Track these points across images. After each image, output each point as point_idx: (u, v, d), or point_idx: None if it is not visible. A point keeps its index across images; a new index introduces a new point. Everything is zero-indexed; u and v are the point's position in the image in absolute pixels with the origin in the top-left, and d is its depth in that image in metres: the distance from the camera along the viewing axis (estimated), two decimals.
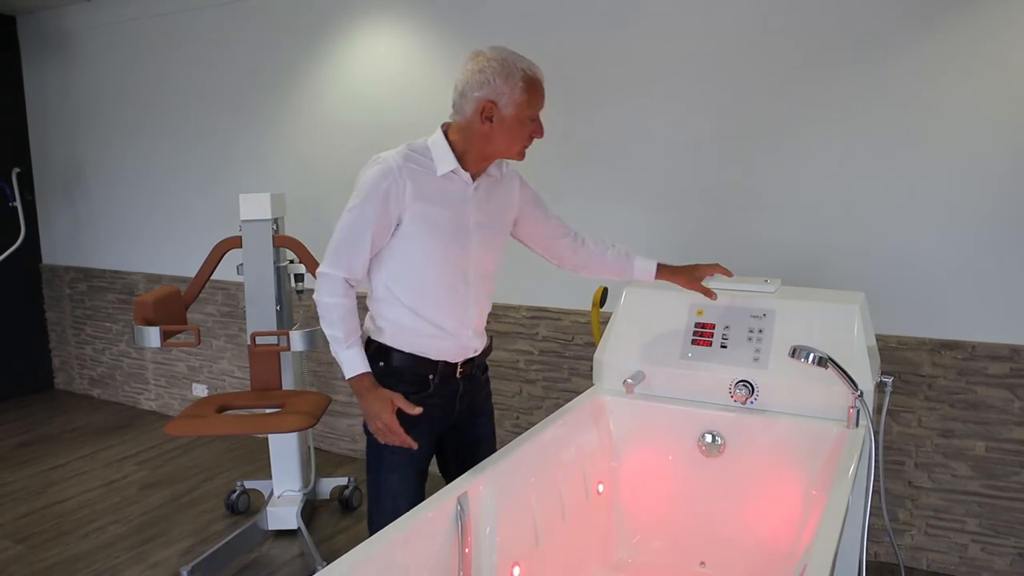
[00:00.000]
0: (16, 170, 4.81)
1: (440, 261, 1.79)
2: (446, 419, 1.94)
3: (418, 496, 1.87)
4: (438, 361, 1.86)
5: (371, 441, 1.87)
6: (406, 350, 1.83)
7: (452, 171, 1.77)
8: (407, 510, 1.58)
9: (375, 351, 1.85)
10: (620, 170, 3.03)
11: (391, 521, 1.53)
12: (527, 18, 3.15)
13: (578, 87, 3.07)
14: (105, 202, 4.75)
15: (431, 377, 1.86)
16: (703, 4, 2.81)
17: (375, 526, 1.79)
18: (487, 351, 2.01)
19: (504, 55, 1.70)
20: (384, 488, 1.88)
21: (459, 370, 1.90)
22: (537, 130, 1.78)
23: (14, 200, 4.79)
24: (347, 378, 1.78)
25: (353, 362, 1.77)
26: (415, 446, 1.79)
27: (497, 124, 1.72)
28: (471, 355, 1.92)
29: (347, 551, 1.37)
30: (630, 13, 2.94)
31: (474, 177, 1.82)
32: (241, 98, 4.02)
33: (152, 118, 4.40)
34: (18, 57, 4.95)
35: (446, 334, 1.84)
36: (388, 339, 1.84)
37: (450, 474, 2.00)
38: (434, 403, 1.87)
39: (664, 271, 2.09)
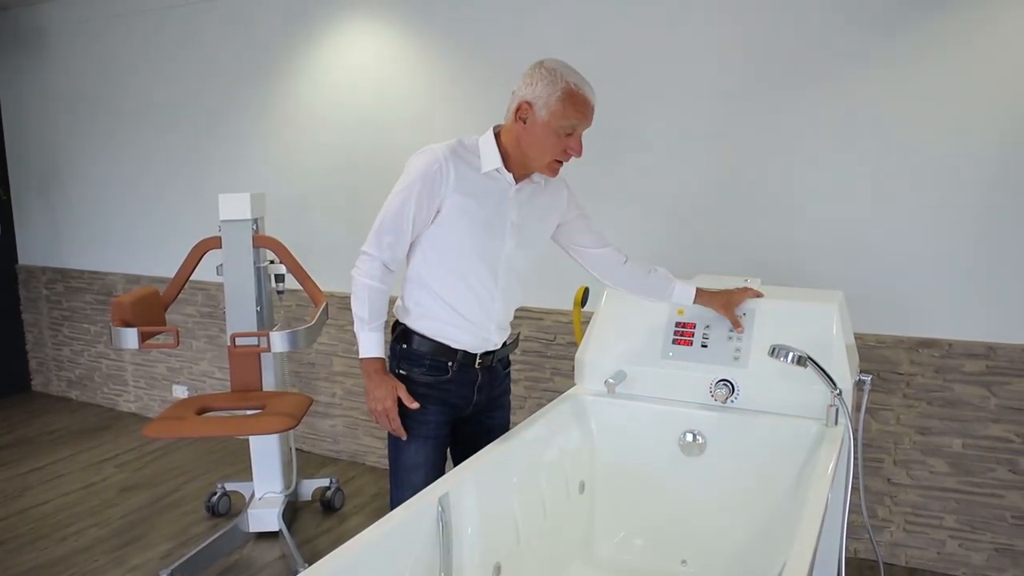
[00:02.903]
0: None
1: (471, 253, 1.84)
2: (464, 407, 2.00)
3: (435, 473, 1.93)
4: (458, 350, 1.91)
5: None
6: (428, 335, 1.90)
7: (496, 170, 1.82)
8: (423, 486, 1.65)
9: (400, 333, 1.94)
10: (602, 170, 3.04)
11: (410, 497, 1.59)
12: (516, 19, 3.15)
13: None
14: (82, 201, 4.69)
15: (450, 364, 1.92)
16: (693, 12, 2.83)
17: (395, 502, 1.92)
18: (510, 345, 2.05)
19: (557, 66, 1.75)
20: (401, 464, 1.95)
21: (478, 361, 1.95)
22: (573, 147, 1.80)
23: None
24: (361, 357, 1.87)
25: (370, 344, 1.86)
26: (404, 436, 1.90)
27: (529, 126, 1.76)
28: (491, 348, 1.97)
29: (329, 553, 1.36)
30: (622, 19, 2.95)
31: (517, 179, 1.86)
32: (220, 96, 3.99)
33: (130, 116, 4.36)
34: None
35: (469, 324, 1.90)
36: (413, 322, 1.92)
37: (457, 459, 2.07)
38: (451, 388, 1.95)
39: (702, 296, 2.13)
